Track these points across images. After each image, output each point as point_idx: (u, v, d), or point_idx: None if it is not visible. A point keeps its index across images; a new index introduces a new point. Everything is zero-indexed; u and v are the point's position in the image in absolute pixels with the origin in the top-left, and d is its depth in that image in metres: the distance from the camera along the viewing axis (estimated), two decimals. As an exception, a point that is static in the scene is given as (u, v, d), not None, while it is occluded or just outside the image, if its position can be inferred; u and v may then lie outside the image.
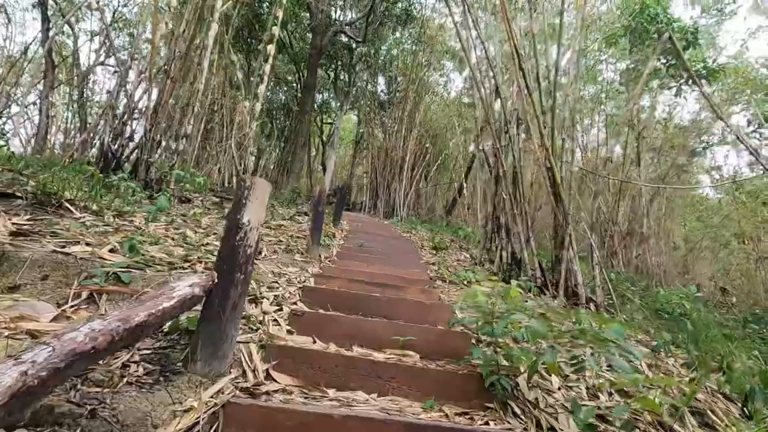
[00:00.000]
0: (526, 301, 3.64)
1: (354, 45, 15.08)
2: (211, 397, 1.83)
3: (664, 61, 9.08)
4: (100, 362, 1.79)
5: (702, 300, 6.91)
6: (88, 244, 3.08)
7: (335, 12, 15.10)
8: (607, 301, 5.43)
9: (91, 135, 7.42)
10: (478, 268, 6.11)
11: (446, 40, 15.85)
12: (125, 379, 1.78)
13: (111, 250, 3.11)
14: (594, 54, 12.25)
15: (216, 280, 2.09)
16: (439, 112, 16.15)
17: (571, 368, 2.51)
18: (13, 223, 3.11)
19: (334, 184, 16.08)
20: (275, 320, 2.83)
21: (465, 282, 5.03)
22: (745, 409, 3.18)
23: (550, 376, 2.75)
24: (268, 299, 3.11)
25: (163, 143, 6.79)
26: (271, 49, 9.09)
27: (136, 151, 6.96)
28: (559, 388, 2.70)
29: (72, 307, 2.32)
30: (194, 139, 10.21)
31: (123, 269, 2.84)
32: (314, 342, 2.76)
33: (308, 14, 14.14)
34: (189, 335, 2.21)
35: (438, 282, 4.89)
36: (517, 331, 2.94)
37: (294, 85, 18.00)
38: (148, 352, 2.03)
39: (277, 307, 3.04)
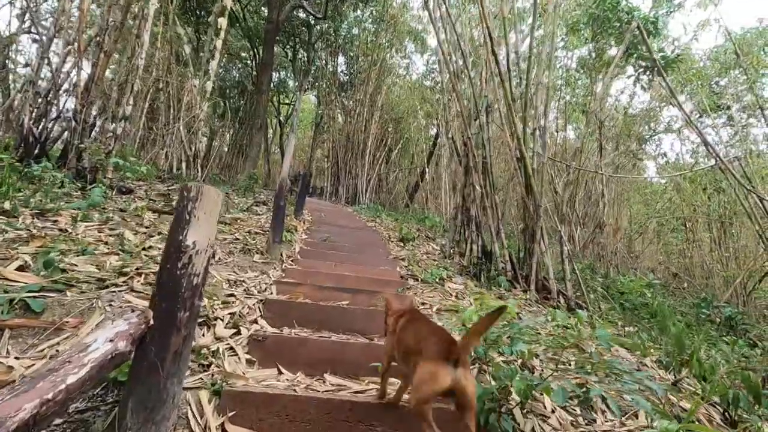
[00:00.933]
0: (519, 315, 3.33)
1: (313, 21, 14.18)
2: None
3: (624, 49, 9.04)
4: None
5: (658, 287, 7.07)
6: (-13, 261, 2.45)
7: (292, -15, 14.06)
8: (576, 294, 5.33)
9: (12, 114, 6.37)
10: (447, 262, 5.83)
11: (408, 20, 15.27)
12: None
13: (20, 268, 2.48)
14: (553, 41, 12.16)
15: (152, 322, 1.59)
16: (401, 94, 15.66)
17: (575, 401, 2.23)
18: None
19: (293, 169, 15.30)
20: (231, 349, 2.36)
21: (437, 280, 4.73)
22: (726, 414, 3.08)
23: (542, 395, 2.49)
24: (222, 320, 2.62)
25: (98, 125, 5.92)
26: (223, 22, 8.21)
27: (65, 134, 6.05)
28: (553, 411, 2.44)
29: (-45, 356, 1.74)
30: (137, 120, 9.18)
31: (35, 294, 2.25)
32: (280, 373, 2.32)
33: (263, -14, 13.05)
34: (119, 388, 1.71)
35: (410, 281, 4.55)
36: (503, 347, 2.62)
37: (249, 62, 16.82)
38: (59, 421, 1.52)
39: (234, 330, 2.56)
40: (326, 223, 7.34)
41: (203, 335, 2.41)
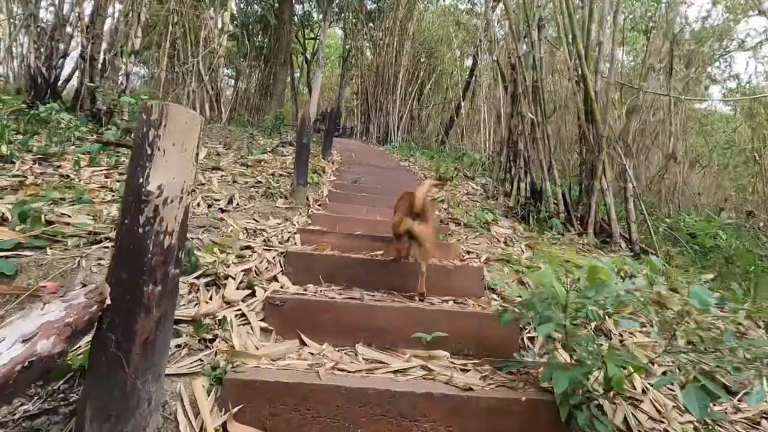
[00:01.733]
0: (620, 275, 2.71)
1: (335, -60, 12.64)
2: None
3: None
4: None
5: (731, 227, 6.18)
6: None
7: None
8: (641, 238, 4.61)
9: (17, 53, 5.95)
10: (491, 203, 5.18)
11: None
12: None
13: (-5, 221, 2.09)
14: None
15: (108, 301, 1.12)
16: (434, 21, 14.13)
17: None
18: None
19: (321, 107, 14.51)
20: (243, 316, 1.92)
21: (482, 224, 4.13)
22: None
23: (632, 376, 1.95)
24: (234, 279, 2.17)
25: (108, 64, 5.39)
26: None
27: (76, 75, 5.59)
28: (644, 391, 1.91)
29: None
30: (155, 60, 8.62)
31: (7, 252, 1.85)
32: (302, 345, 1.88)
33: None
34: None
35: (451, 225, 3.98)
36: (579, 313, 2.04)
37: (270, -7, 15.55)
38: (-1, 432, 1.12)
39: (248, 291, 2.11)
40: (356, 163, 6.75)
41: (210, 299, 1.98)
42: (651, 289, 2.02)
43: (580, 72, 4.74)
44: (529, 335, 2.15)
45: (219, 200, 3.41)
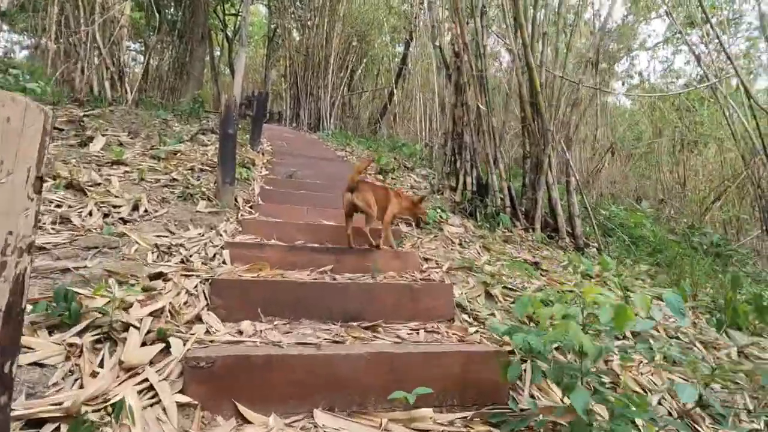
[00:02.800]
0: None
1: None
2: None
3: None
4: None
5: (650, 216, 6.55)
6: None
7: None
8: (587, 233, 4.60)
9: None
10: (437, 198, 4.88)
11: None
12: None
13: None
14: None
15: None
16: (365, 2, 13.47)
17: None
18: None
19: (245, 90, 13.27)
20: (152, 391, 1.33)
21: (434, 221, 3.79)
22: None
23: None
24: (138, 328, 1.56)
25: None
26: None
27: None
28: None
29: None
30: (50, 25, 7.04)
31: None
32: (239, 426, 1.35)
33: None
34: None
35: (403, 227, 3.58)
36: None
37: (182, -41, 13.73)
38: None
39: (161, 347, 1.51)
40: (290, 153, 6.08)
41: (100, 368, 1.36)
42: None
43: (525, 62, 4.55)
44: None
45: (120, 207, 2.66)
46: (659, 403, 1.83)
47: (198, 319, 1.79)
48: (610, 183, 9.34)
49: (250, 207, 3.42)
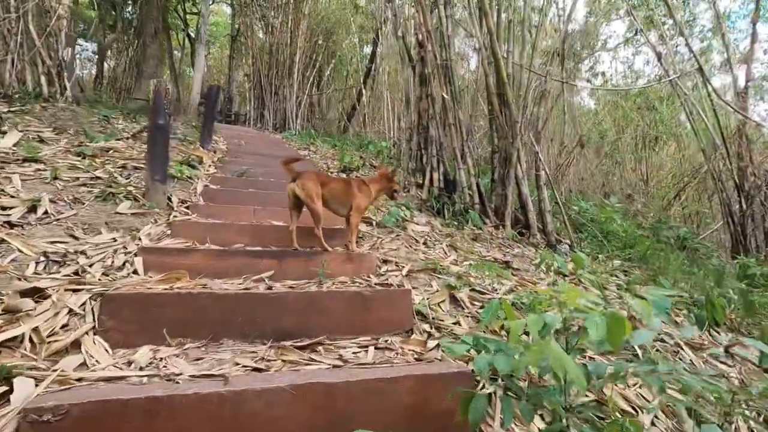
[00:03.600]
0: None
1: None
2: None
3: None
4: None
5: (620, 211, 6.43)
6: None
7: None
8: (558, 229, 4.36)
9: None
10: (403, 194, 4.53)
11: None
12: None
13: None
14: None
15: None
16: (331, 1, 13.07)
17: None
18: None
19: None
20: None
21: (397, 221, 3.44)
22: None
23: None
24: (-28, 367, 1.12)
25: None
26: None
27: None
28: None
29: None
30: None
31: None
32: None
33: None
34: None
35: (362, 227, 3.21)
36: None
37: (137, -46, 12.97)
38: None
39: (2, 390, 1.08)
40: (246, 152, 5.61)
41: None
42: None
43: (491, 51, 4.28)
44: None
45: (11, 208, 2.17)
46: (653, 423, 1.53)
47: (76, 346, 1.36)
48: (579, 180, 9.28)
49: (187, 207, 2.97)
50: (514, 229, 4.23)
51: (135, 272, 1.92)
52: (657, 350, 2.12)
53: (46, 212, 2.24)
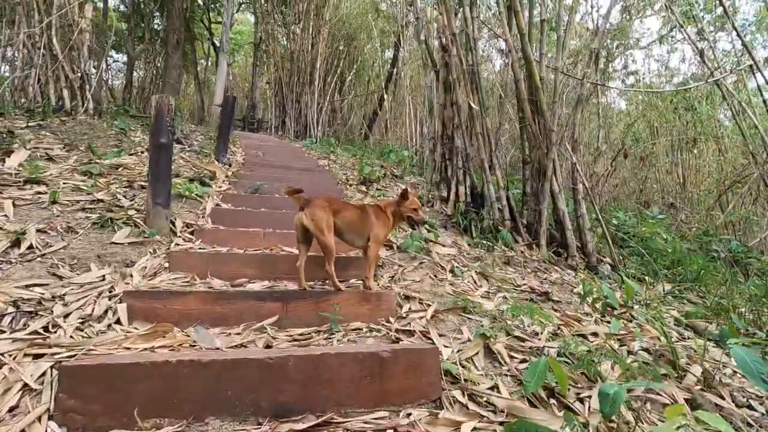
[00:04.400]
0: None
1: None
2: None
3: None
4: None
5: (663, 223, 5.86)
6: None
7: None
8: (597, 247, 3.90)
9: None
10: (427, 210, 4.17)
11: None
12: None
13: None
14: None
15: None
16: (352, 6, 12.83)
17: None
18: None
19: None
20: None
21: (420, 245, 3.08)
22: None
23: None
24: None
25: None
26: None
27: None
28: None
29: None
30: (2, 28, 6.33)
31: None
32: None
33: None
34: None
35: (381, 252, 2.87)
36: None
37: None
38: None
39: None
40: (264, 164, 5.37)
41: None
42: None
43: (522, 54, 3.87)
44: None
45: (-8, 243, 1.94)
46: None
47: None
48: (613, 187, 8.65)
49: (191, 233, 2.70)
50: (549, 248, 3.80)
51: (118, 322, 1.64)
52: None
53: (30, 246, 2.01)
